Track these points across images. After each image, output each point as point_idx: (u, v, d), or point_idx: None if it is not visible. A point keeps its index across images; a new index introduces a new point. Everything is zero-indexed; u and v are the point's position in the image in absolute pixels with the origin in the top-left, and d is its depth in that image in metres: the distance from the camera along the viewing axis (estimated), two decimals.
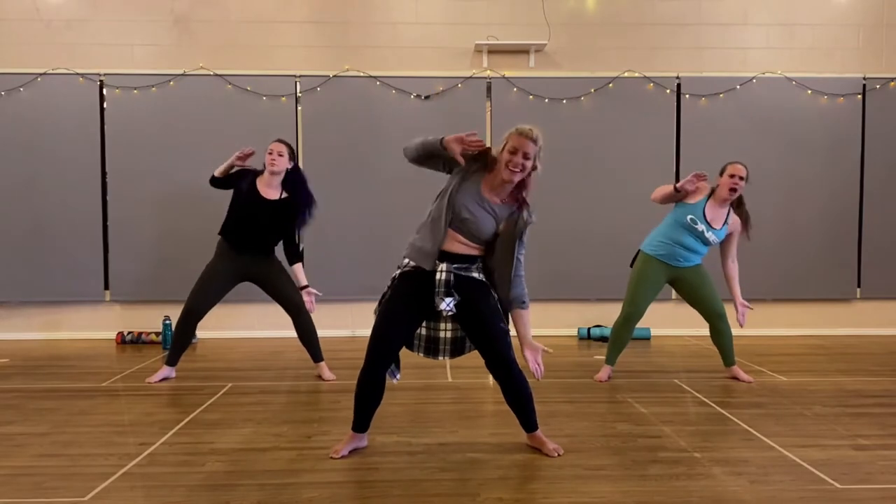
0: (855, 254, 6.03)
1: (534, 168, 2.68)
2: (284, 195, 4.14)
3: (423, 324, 2.83)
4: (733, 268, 4.21)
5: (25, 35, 5.73)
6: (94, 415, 3.47)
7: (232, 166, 4.14)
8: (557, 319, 5.91)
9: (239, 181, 4.13)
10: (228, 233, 4.13)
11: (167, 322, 5.38)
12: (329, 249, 5.68)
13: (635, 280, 4.15)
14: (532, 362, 2.80)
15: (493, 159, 2.70)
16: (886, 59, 6.00)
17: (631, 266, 4.24)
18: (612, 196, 5.85)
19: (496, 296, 2.75)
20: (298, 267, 4.24)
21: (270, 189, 4.12)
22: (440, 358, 2.86)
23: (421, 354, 2.88)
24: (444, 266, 2.67)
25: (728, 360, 4.22)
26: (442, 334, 2.82)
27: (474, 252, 2.74)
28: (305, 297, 4.21)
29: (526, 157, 2.62)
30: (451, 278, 2.66)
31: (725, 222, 4.09)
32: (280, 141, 4.15)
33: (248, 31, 5.82)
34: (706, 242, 4.08)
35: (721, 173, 4.07)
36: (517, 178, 2.66)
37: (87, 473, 2.64)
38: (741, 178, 3.99)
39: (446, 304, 2.64)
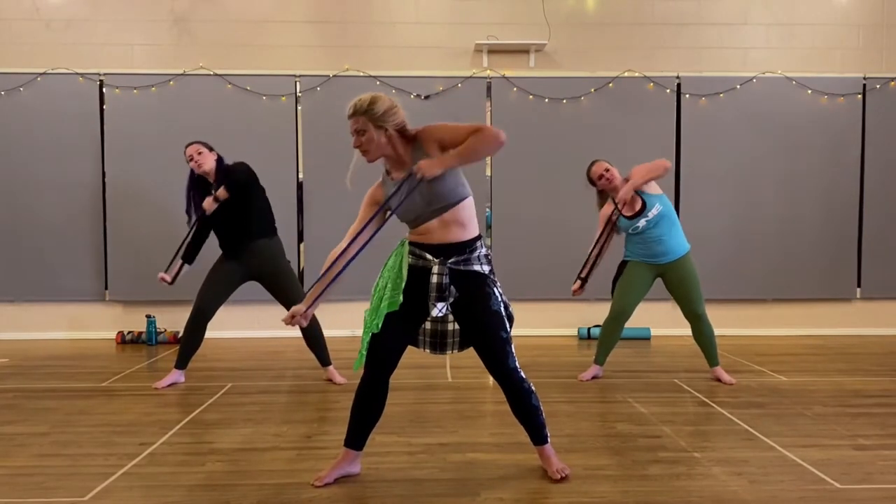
0: (855, 254, 6.02)
1: (384, 129, 2.56)
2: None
3: (428, 318, 2.65)
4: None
5: (25, 35, 5.72)
6: (93, 415, 3.47)
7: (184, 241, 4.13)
8: (557, 319, 5.91)
9: (201, 212, 3.99)
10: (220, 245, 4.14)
11: (152, 319, 5.53)
12: (328, 250, 5.66)
13: (622, 280, 4.23)
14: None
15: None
16: (886, 59, 6.00)
17: (616, 278, 4.30)
18: None
19: (499, 296, 2.59)
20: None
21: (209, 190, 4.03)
22: (448, 352, 2.67)
23: (427, 351, 2.69)
24: (436, 269, 2.52)
25: (711, 360, 4.22)
26: (450, 326, 2.64)
27: (464, 234, 2.54)
28: None
29: (360, 133, 2.56)
30: (445, 280, 2.51)
31: (639, 196, 4.10)
32: (190, 144, 4.03)
33: (247, 30, 5.81)
34: (652, 225, 4.07)
35: (592, 183, 4.22)
36: (373, 156, 2.62)
37: (87, 473, 2.64)
38: (606, 171, 4.15)
39: (438, 311, 2.52)
